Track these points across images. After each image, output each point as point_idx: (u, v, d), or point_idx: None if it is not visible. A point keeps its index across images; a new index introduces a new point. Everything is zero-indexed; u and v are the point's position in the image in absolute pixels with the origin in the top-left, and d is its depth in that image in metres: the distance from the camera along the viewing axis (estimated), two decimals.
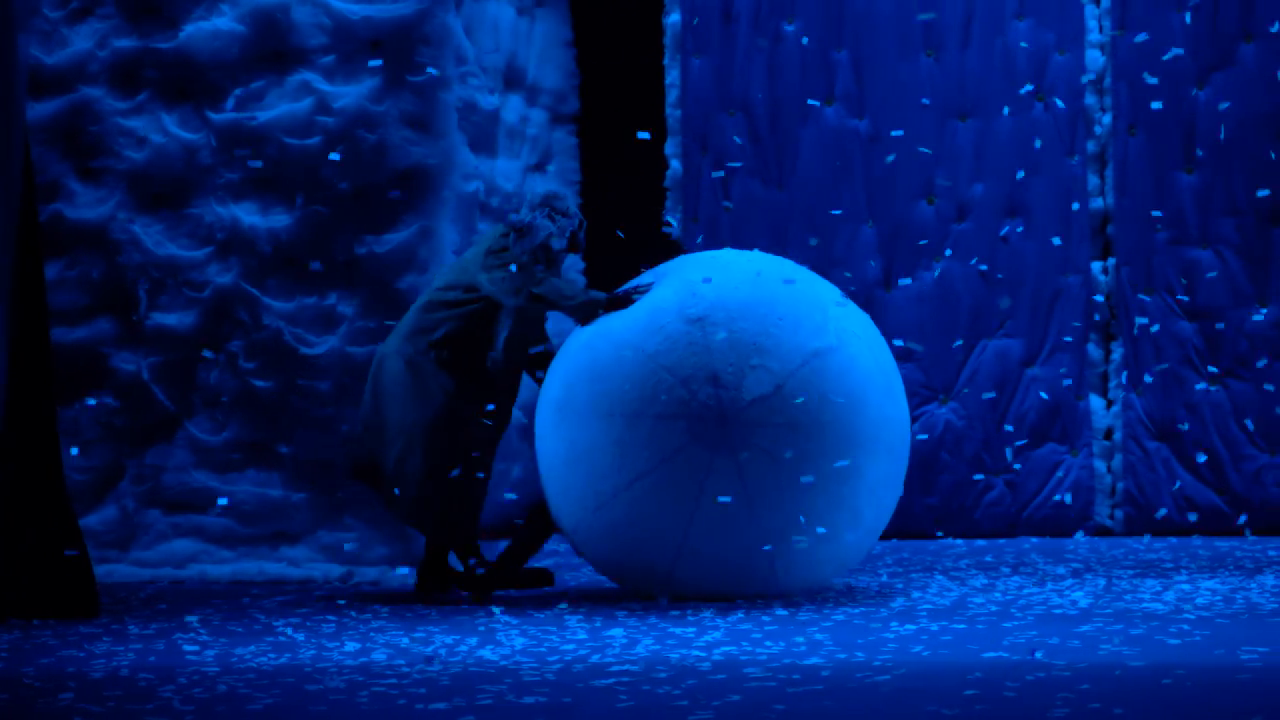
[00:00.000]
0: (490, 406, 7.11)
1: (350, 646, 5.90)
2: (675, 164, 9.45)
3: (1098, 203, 9.37)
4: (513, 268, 7.02)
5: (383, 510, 7.84)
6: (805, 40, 9.39)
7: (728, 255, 7.18)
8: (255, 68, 8.06)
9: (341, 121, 7.95)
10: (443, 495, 7.06)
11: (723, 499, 6.61)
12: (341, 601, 7.10)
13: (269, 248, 8.02)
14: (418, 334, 7.17)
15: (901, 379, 7.12)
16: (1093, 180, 9.37)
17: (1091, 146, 9.39)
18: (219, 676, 5.33)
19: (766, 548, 6.68)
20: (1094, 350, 9.29)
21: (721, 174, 9.25)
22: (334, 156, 7.81)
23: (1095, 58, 9.38)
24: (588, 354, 6.87)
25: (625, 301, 6.96)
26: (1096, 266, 9.31)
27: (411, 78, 7.93)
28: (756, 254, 7.17)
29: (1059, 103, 9.37)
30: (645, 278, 7.06)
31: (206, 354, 7.93)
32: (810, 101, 9.32)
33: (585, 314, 6.98)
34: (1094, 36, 9.41)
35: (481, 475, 7.12)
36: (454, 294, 7.18)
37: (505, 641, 5.94)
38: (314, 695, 5.02)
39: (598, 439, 6.74)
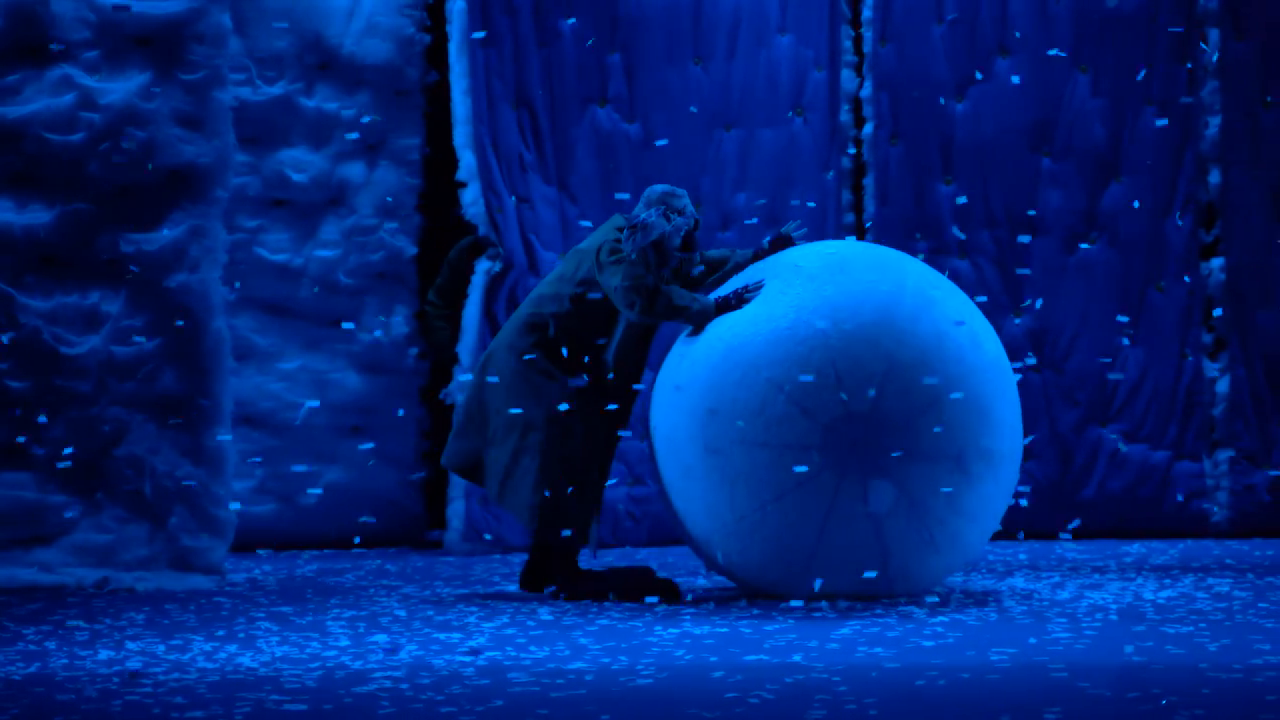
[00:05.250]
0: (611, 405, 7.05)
1: (104, 654, 5.77)
2: (469, 156, 9.24)
3: (850, 218, 9.57)
4: (631, 256, 6.91)
5: (144, 513, 7.69)
6: (580, 39, 9.37)
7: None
8: (10, 61, 7.83)
9: (108, 118, 7.77)
10: (556, 494, 6.95)
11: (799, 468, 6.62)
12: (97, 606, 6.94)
13: (26, 245, 7.80)
14: (530, 330, 7.05)
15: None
16: (846, 196, 9.57)
17: (846, 163, 9.58)
18: None
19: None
20: None
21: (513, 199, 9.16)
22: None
23: (850, 77, 9.58)
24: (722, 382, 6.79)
25: (737, 303, 6.87)
26: None
27: (183, 75, 7.79)
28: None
29: (816, 118, 9.53)
30: (753, 276, 6.96)
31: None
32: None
33: (699, 322, 6.91)
34: (849, 57, 9.61)
35: (596, 476, 7.02)
36: (566, 287, 7.06)
37: (265, 648, 5.86)
38: (65, 705, 4.90)
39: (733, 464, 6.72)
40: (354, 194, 9.51)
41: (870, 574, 6.68)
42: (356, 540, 9.21)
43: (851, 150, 9.60)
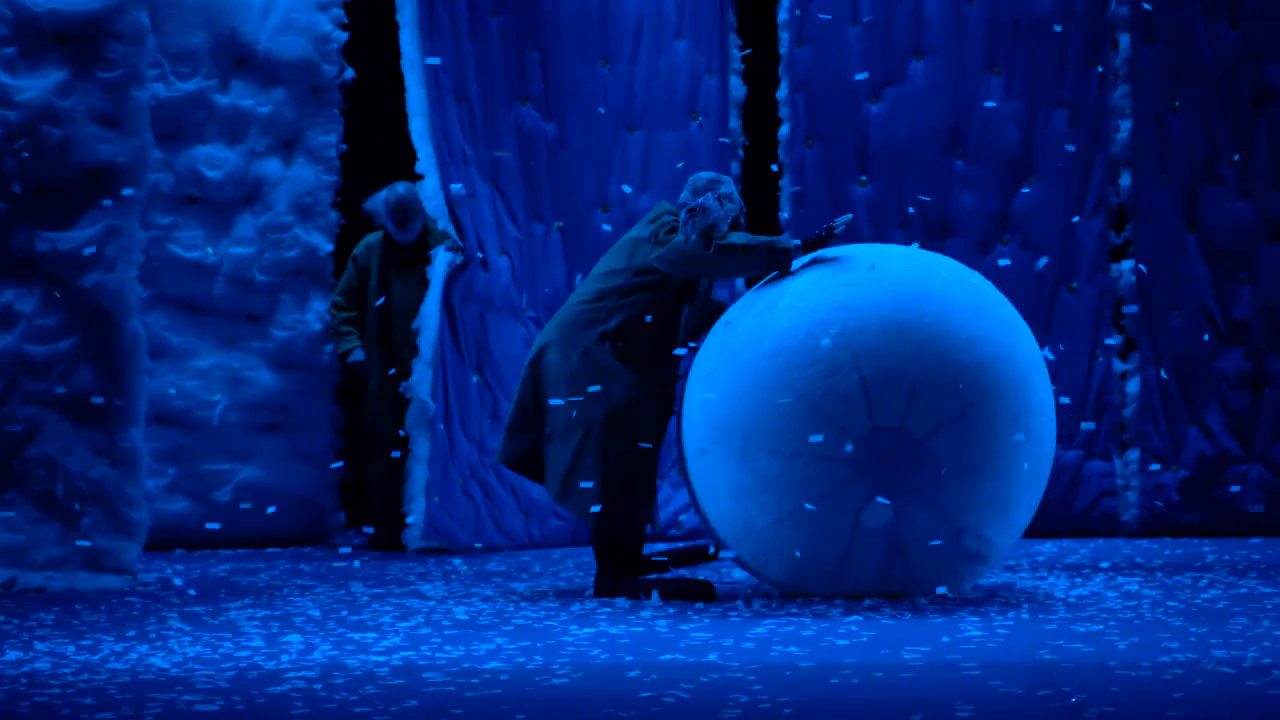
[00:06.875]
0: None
1: (11, 655, 5.70)
2: (427, 147, 9.00)
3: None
4: (678, 237, 6.87)
5: (56, 513, 7.61)
6: (506, 36, 9.33)
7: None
8: None
9: (24, 115, 7.68)
10: (625, 491, 6.89)
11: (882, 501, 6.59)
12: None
13: None
14: (588, 325, 6.96)
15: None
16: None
17: (735, 168, 9.64)
18: None
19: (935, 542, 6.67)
20: None
21: (460, 187, 9.07)
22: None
23: (737, 84, 9.65)
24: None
25: (823, 241, 6.83)
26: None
27: (101, 73, 7.71)
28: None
29: (710, 123, 9.58)
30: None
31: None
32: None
33: (778, 264, 6.83)
34: (738, 65, 9.68)
35: (651, 468, 6.96)
36: (621, 279, 6.98)
37: (177, 648, 5.82)
38: None
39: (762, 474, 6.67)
40: (269, 191, 9.46)
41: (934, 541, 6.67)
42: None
43: (741, 153, 9.67)
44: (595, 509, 6.92)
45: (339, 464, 9.50)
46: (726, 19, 9.66)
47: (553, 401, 6.98)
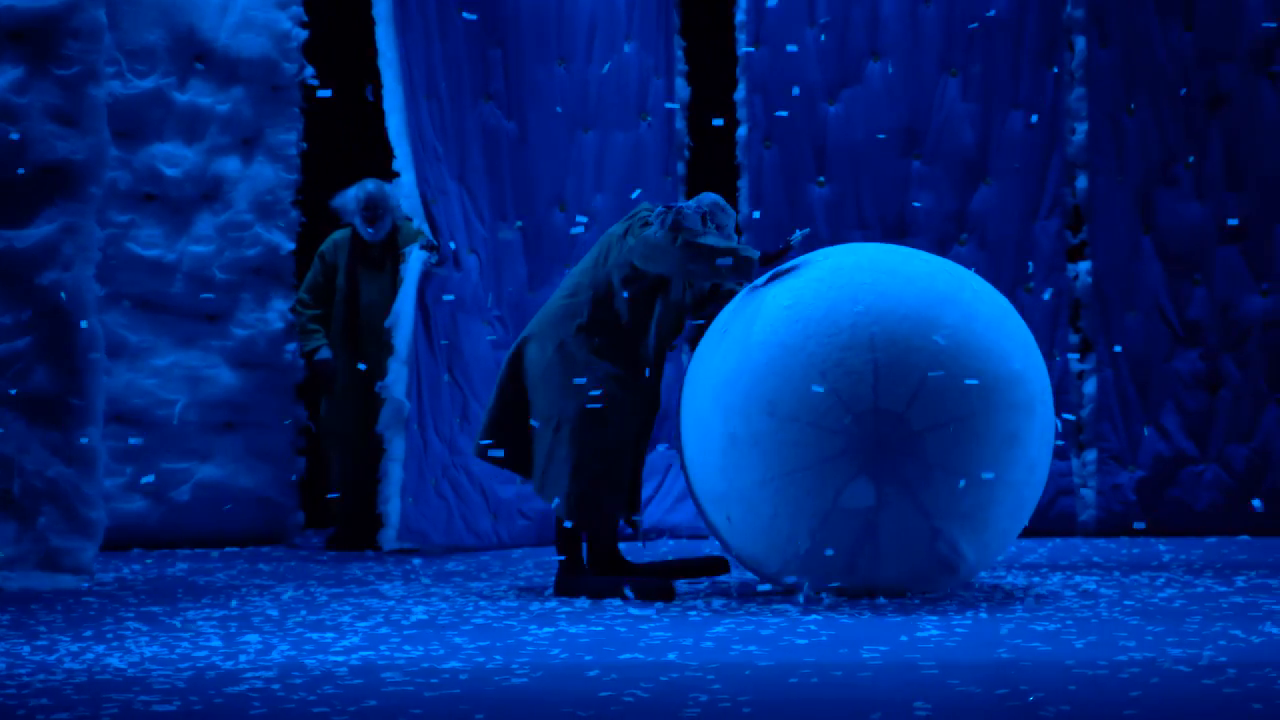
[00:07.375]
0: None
1: None
2: (404, 145, 8.94)
3: None
4: (649, 230, 6.87)
5: (12, 512, 7.57)
6: (472, 33, 9.30)
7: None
8: None
9: None
10: (594, 485, 6.87)
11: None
12: None
13: None
14: (566, 319, 6.97)
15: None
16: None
17: (680, 168, 9.67)
18: None
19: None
20: None
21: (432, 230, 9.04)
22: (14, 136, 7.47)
23: (681, 86, 9.68)
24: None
25: (782, 255, 6.84)
26: None
27: (58, 70, 7.67)
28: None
29: (658, 123, 9.60)
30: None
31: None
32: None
33: (743, 270, 6.82)
34: (681, 66, 9.71)
35: (631, 461, 6.93)
36: (600, 273, 6.98)
37: (134, 649, 5.80)
38: None
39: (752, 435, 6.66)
40: (229, 189, 9.43)
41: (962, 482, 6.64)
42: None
43: (686, 154, 9.70)
44: (556, 504, 6.93)
45: (304, 462, 9.48)
46: (671, 20, 9.68)
47: (533, 422, 7.02)
